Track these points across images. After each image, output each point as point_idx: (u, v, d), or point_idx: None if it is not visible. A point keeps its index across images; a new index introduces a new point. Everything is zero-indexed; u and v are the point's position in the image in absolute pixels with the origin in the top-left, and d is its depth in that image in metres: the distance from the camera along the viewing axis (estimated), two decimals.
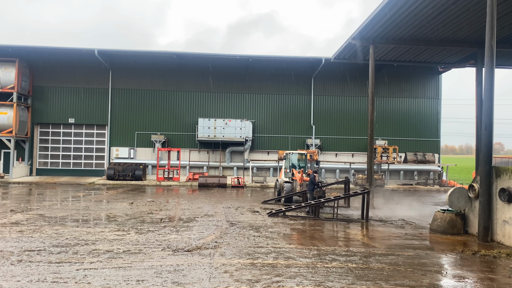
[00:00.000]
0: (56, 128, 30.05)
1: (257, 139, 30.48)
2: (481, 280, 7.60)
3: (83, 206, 16.15)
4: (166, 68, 29.84)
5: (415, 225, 13.46)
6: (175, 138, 30.17)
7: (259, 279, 7.18)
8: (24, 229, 11.04)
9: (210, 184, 25.72)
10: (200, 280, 7.03)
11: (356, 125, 30.70)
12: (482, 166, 11.04)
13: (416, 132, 31.28)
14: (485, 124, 10.93)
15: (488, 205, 10.87)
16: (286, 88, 30.69)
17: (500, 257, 9.24)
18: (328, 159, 30.30)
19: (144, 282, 6.86)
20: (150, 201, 18.12)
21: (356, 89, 30.79)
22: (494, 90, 11.06)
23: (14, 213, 13.88)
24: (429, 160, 29.37)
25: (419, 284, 7.18)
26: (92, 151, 30.22)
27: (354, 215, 15.12)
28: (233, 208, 16.36)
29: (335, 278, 7.34)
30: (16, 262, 7.92)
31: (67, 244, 9.47)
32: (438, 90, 31.59)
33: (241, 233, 11.17)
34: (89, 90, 29.82)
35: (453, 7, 15.43)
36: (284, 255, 8.92)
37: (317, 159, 28.80)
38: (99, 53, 27.48)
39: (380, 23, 17.24)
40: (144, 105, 30.10)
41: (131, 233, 10.85)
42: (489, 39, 10.92)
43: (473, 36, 18.66)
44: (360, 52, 22.31)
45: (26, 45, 27.16)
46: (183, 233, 11.05)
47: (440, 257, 9.29)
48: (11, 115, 26.82)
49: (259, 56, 30.24)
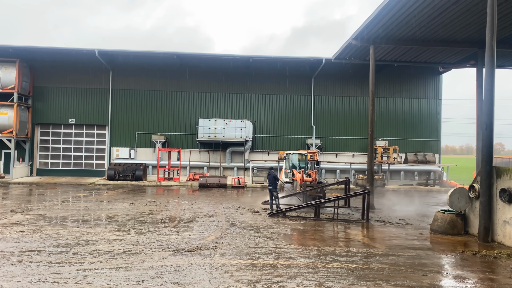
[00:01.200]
0: (57, 129, 30.07)
1: (258, 139, 30.48)
2: (482, 281, 7.60)
3: (83, 206, 16.16)
4: (167, 68, 29.87)
5: (415, 225, 13.45)
6: (175, 139, 30.18)
7: (259, 279, 7.19)
8: (25, 230, 11.05)
9: (211, 185, 25.73)
10: (200, 281, 7.03)
11: (357, 125, 30.70)
12: (482, 166, 11.03)
13: (417, 133, 31.27)
14: (486, 124, 10.93)
15: (489, 206, 10.86)
16: (286, 88, 30.69)
17: (500, 258, 9.24)
18: (328, 160, 30.30)
19: (144, 283, 6.86)
20: (151, 201, 18.13)
21: (357, 89, 30.79)
22: (494, 90, 11.05)
23: (14, 213, 13.89)
24: (429, 160, 29.38)
25: (420, 285, 7.18)
26: (92, 152, 30.25)
27: (355, 215, 15.12)
28: (233, 208, 16.36)
29: (336, 279, 7.34)
30: (17, 262, 7.92)
31: (68, 244, 9.48)
32: (438, 90, 31.57)
33: (242, 234, 11.17)
34: (89, 90, 29.85)
35: (453, 8, 15.42)
36: (284, 255, 8.92)
37: (318, 159, 28.82)
38: (99, 53, 27.51)
39: (381, 23, 17.24)
40: (145, 105, 30.12)
41: (131, 234, 10.86)
42: (489, 40, 10.91)
43: (473, 37, 18.65)
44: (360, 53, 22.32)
45: (27, 45, 27.19)
46: (184, 233, 11.05)
47: (440, 258, 9.29)
48: (12, 116, 26.85)
49: (260, 56, 30.33)
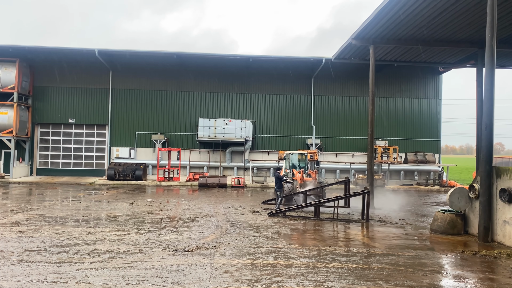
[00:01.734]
0: (57, 128, 30.07)
1: (257, 139, 30.48)
2: (482, 280, 7.60)
3: (83, 206, 16.15)
4: (167, 68, 29.87)
5: (415, 225, 13.46)
6: (175, 138, 30.18)
7: (259, 279, 7.19)
8: (25, 229, 11.05)
9: (211, 184, 25.73)
10: (200, 280, 7.03)
11: (357, 125, 30.70)
12: (482, 166, 11.03)
13: (417, 132, 31.28)
14: (486, 124, 10.92)
15: (489, 206, 10.87)
16: (286, 88, 30.69)
17: (500, 258, 9.24)
18: (328, 159, 30.31)
19: (144, 282, 6.86)
20: (151, 201, 18.13)
21: (357, 89, 30.79)
22: (494, 90, 11.05)
23: (14, 213, 13.89)
24: (429, 160, 29.38)
25: (420, 284, 7.18)
26: (92, 151, 30.24)
27: (355, 215, 15.12)
28: (233, 208, 16.36)
29: (335, 278, 7.35)
30: (17, 262, 7.92)
31: (68, 244, 9.48)
32: (438, 90, 31.57)
33: (242, 233, 11.17)
34: (89, 90, 29.85)
35: (453, 7, 15.41)
36: (284, 255, 8.92)
37: (317, 159, 28.83)
38: (99, 53, 27.50)
39: (380, 23, 17.23)
40: (145, 105, 30.11)
41: (131, 233, 10.86)
42: (489, 39, 10.91)
43: (473, 36, 18.64)
44: (360, 52, 22.31)
45: (27, 45, 27.17)
46: (184, 233, 11.05)
47: (440, 257, 9.29)
48: (12, 115, 26.85)
49: (259, 56, 30.34)
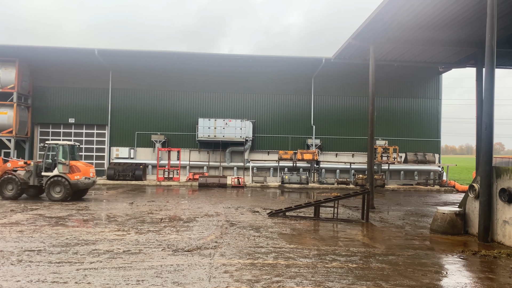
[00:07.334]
0: (56, 128, 30.08)
1: (257, 139, 30.48)
2: (481, 280, 7.59)
3: (83, 206, 16.14)
4: (166, 68, 29.88)
5: (415, 225, 13.46)
6: (175, 138, 30.18)
7: (259, 279, 7.18)
8: (24, 229, 11.04)
9: (210, 184, 25.73)
10: (200, 280, 7.03)
11: (356, 125, 30.71)
12: (482, 166, 11.03)
13: (417, 132, 31.29)
14: (485, 124, 10.92)
15: (488, 205, 10.86)
16: (286, 88, 30.69)
17: (500, 257, 9.24)
18: (328, 159, 30.31)
19: (144, 282, 6.85)
20: (150, 201, 18.12)
21: (356, 89, 30.80)
22: (494, 90, 11.04)
23: (14, 213, 13.88)
24: (429, 160, 29.38)
25: (419, 284, 7.18)
26: (92, 151, 30.24)
27: (355, 215, 15.12)
28: (233, 208, 16.36)
29: (335, 278, 7.34)
30: (16, 262, 7.91)
31: (67, 244, 9.47)
32: (438, 90, 31.59)
33: (241, 233, 11.17)
34: (89, 90, 29.85)
35: (453, 7, 15.40)
36: (284, 255, 8.92)
37: (317, 159, 28.83)
38: (99, 53, 27.51)
39: (380, 23, 17.22)
40: (144, 105, 30.11)
41: (131, 233, 10.85)
42: (489, 39, 10.90)
43: (473, 36, 18.63)
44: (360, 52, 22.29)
45: (26, 45, 27.18)
46: (183, 233, 11.04)
47: (440, 257, 9.29)
48: (11, 115, 26.85)
49: (259, 56, 30.37)
